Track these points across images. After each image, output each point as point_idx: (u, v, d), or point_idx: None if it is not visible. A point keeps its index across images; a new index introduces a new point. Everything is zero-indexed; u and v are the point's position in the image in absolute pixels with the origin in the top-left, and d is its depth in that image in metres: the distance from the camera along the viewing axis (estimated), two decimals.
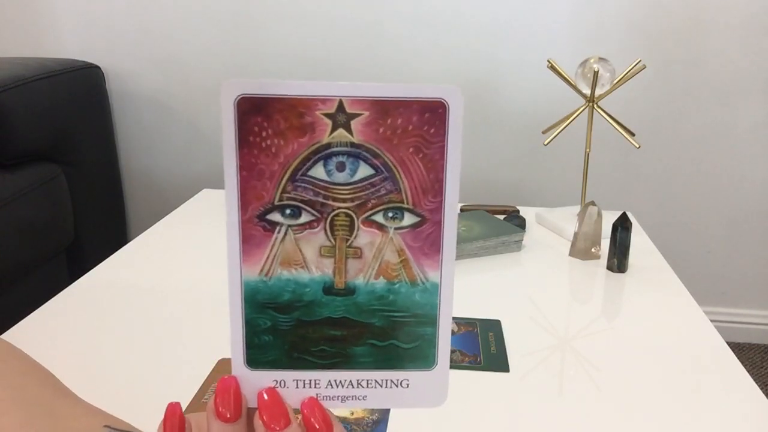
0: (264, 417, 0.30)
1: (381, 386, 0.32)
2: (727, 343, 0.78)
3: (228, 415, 0.30)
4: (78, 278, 0.92)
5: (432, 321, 0.32)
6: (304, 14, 1.53)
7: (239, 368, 0.31)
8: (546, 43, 1.49)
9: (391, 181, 0.30)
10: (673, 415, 0.65)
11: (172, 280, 0.93)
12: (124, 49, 1.60)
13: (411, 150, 0.30)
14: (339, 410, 0.63)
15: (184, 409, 0.34)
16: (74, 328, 0.79)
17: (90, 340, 0.76)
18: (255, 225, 0.30)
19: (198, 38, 1.57)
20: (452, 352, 0.75)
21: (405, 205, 0.30)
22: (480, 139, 1.57)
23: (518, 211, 1.24)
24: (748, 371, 0.73)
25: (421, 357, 0.32)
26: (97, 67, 1.56)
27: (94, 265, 0.96)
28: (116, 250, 1.02)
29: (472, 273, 0.98)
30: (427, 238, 0.31)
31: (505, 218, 1.17)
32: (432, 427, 0.62)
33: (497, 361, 0.73)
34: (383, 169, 0.30)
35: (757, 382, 0.90)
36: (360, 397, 0.32)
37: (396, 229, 0.31)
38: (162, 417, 0.31)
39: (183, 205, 1.26)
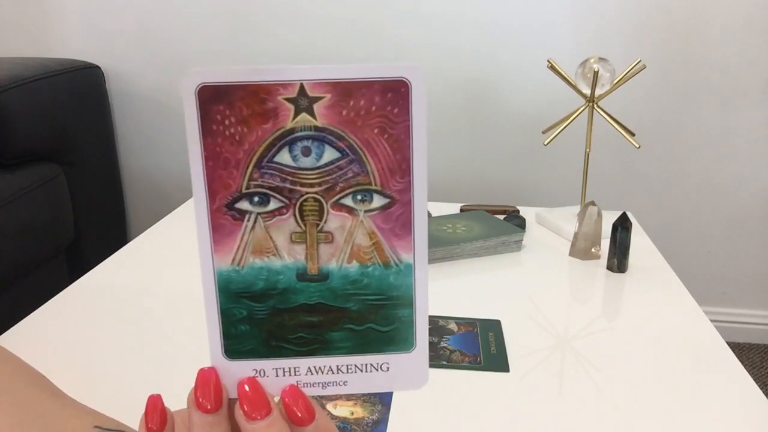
0: (245, 407, 0.30)
1: (361, 371, 0.32)
2: (727, 343, 0.78)
3: (208, 407, 0.30)
4: (78, 278, 0.92)
5: (408, 303, 0.31)
6: (304, 14, 1.53)
7: (218, 359, 0.31)
8: (546, 43, 1.49)
9: (357, 163, 0.30)
10: (673, 415, 0.65)
11: (171, 280, 0.93)
12: (124, 49, 1.60)
13: (376, 131, 0.29)
14: (339, 410, 0.63)
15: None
16: (74, 329, 0.79)
17: (90, 340, 0.76)
18: (224, 214, 0.30)
19: (198, 38, 1.57)
20: (452, 352, 0.75)
21: (373, 187, 0.30)
22: (480, 139, 1.57)
23: (518, 211, 1.24)
24: (748, 371, 0.73)
25: (399, 339, 0.32)
26: (97, 67, 1.56)
27: (94, 265, 0.96)
28: (116, 250, 1.02)
29: (472, 273, 0.98)
30: (397, 219, 0.30)
31: (505, 218, 1.17)
32: (432, 427, 0.62)
33: (497, 361, 0.73)
34: (349, 152, 0.30)
35: (757, 382, 0.90)
36: (341, 383, 0.32)
37: (366, 211, 0.30)
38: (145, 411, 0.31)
39: (183, 206, 1.26)
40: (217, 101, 0.28)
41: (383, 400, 0.65)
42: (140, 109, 1.64)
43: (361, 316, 0.31)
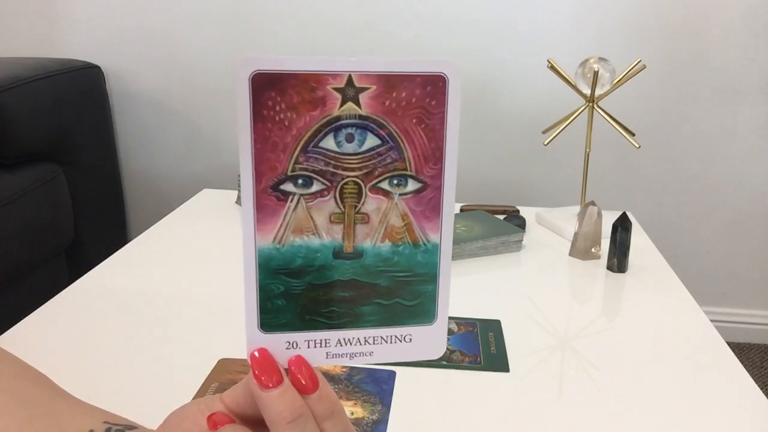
0: (256, 371, 0.31)
1: (386, 342, 0.34)
2: (727, 343, 0.78)
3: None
4: (78, 278, 0.92)
5: (433, 279, 0.34)
6: (304, 14, 1.53)
7: (253, 333, 0.33)
8: (546, 43, 1.49)
9: (396, 150, 0.32)
10: (673, 415, 0.65)
11: (171, 280, 0.93)
12: (124, 49, 1.60)
13: (414, 121, 0.32)
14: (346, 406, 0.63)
15: None
16: (74, 329, 0.79)
17: (90, 340, 0.76)
18: (269, 195, 0.31)
19: (198, 38, 1.57)
20: (452, 352, 0.75)
21: (408, 173, 0.32)
22: (480, 139, 1.57)
23: (518, 211, 1.24)
24: (748, 371, 0.73)
25: (422, 313, 0.34)
26: (97, 67, 1.56)
27: (94, 265, 0.96)
28: (116, 250, 1.02)
29: (472, 273, 0.98)
30: (428, 202, 0.33)
31: (505, 218, 1.17)
32: (432, 427, 0.62)
33: (497, 361, 0.73)
34: (389, 139, 0.32)
35: (757, 382, 0.90)
36: (367, 353, 0.34)
37: (400, 195, 0.33)
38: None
39: (183, 205, 1.26)
40: (269, 88, 0.30)
41: (383, 400, 0.65)
42: (140, 109, 1.64)
43: (390, 292, 0.34)
